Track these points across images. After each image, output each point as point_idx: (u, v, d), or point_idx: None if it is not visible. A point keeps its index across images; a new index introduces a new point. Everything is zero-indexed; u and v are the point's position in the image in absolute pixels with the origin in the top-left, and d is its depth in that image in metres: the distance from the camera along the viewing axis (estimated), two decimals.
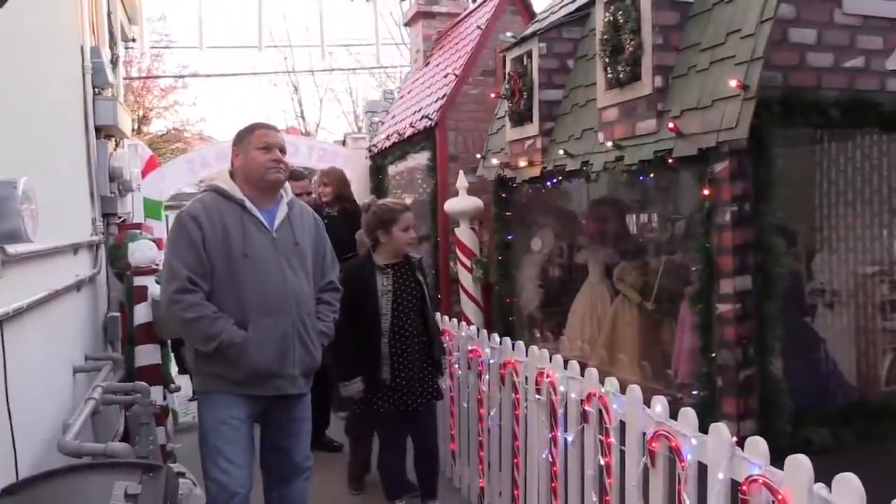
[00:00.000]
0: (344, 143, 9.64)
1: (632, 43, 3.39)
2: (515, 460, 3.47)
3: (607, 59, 3.58)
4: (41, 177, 3.09)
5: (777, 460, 1.90)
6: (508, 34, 5.39)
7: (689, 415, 2.32)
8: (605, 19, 3.61)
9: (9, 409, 2.26)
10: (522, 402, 3.35)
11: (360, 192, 8.46)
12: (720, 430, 2.14)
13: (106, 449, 2.80)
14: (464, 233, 5.76)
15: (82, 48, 4.49)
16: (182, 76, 20.09)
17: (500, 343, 3.55)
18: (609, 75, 3.60)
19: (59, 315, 3.24)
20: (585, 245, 5.00)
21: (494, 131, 5.35)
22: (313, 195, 5.21)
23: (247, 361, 2.68)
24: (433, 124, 6.28)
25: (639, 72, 3.40)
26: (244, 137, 2.85)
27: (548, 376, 3.08)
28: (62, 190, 3.56)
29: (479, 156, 5.57)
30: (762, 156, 2.95)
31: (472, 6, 7.59)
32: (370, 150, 8.32)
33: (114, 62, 6.53)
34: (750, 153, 2.97)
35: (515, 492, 3.48)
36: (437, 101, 6.49)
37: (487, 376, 3.67)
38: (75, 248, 3.64)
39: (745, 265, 2.99)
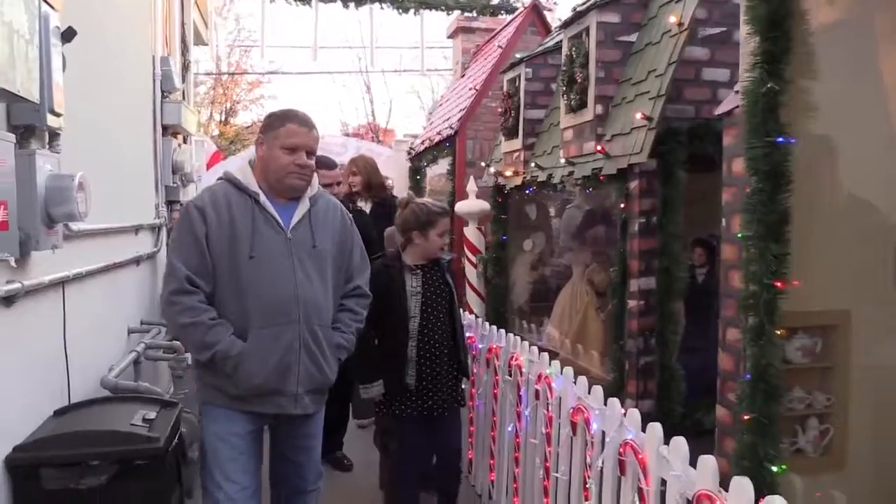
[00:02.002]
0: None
1: (580, 75, 3.96)
2: (492, 433, 4.03)
3: (565, 88, 4.16)
4: (112, 167, 3.81)
5: (669, 436, 2.21)
6: (517, 55, 5.99)
7: (597, 392, 2.81)
8: (566, 53, 4.19)
9: (66, 352, 2.87)
10: (501, 382, 3.77)
11: (402, 190, 9.21)
12: (614, 403, 2.62)
13: (137, 387, 3.54)
14: (471, 232, 6.40)
15: (154, 57, 5.32)
16: (258, 73, 21.34)
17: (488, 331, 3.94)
18: (566, 101, 4.18)
19: (118, 284, 3.85)
20: (571, 247, 5.55)
21: (498, 143, 5.97)
22: (342, 186, 4.88)
23: (243, 376, 2.45)
24: (454, 133, 6.94)
25: (586, 100, 3.96)
26: (274, 127, 2.54)
27: (515, 360, 3.58)
28: (130, 179, 4.23)
29: (483, 164, 6.20)
30: (668, 177, 3.49)
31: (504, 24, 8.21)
32: (409, 153, 9.04)
33: (185, 67, 7.46)
34: (658, 174, 3.51)
35: (491, 461, 4.07)
36: (460, 111, 7.15)
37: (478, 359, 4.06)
38: (136, 229, 4.28)
39: (650, 268, 3.54)
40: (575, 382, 2.98)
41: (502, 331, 3.89)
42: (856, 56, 2.43)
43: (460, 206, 6.43)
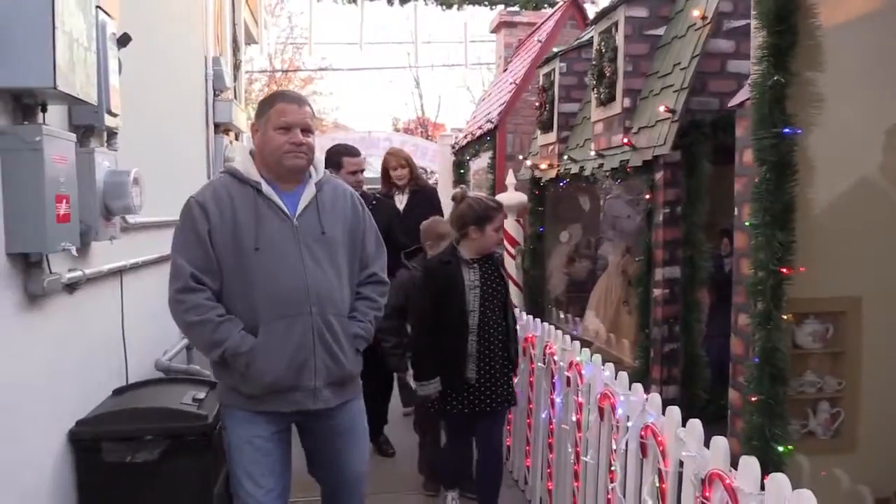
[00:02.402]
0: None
1: (609, 69, 4.05)
2: (528, 420, 4.16)
3: (594, 81, 4.26)
4: (166, 163, 4.04)
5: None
6: (554, 50, 6.09)
7: (622, 377, 2.91)
8: (596, 48, 4.28)
9: (123, 336, 3.13)
10: (536, 371, 3.86)
11: (447, 184, 9.39)
12: (637, 389, 2.74)
13: (188, 369, 3.80)
14: (510, 224, 6.53)
15: (206, 58, 5.60)
16: (309, 69, 21.78)
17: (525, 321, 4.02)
18: (596, 95, 4.28)
19: None
20: (608, 238, 5.64)
21: (535, 136, 6.09)
22: (361, 176, 4.49)
23: (256, 373, 2.34)
24: (494, 127, 7.08)
25: (614, 93, 4.06)
26: (264, 111, 2.43)
27: (549, 348, 3.71)
28: (183, 174, 4.47)
29: (521, 157, 6.32)
30: (693, 168, 3.56)
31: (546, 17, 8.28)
32: (452, 147, 9.20)
33: (236, 66, 7.76)
34: (683, 165, 3.59)
35: (527, 448, 4.22)
36: (500, 105, 7.27)
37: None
38: None
39: (674, 258, 3.62)
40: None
41: (538, 320, 3.99)
42: (863, 46, 2.48)
43: (499, 199, 6.56)
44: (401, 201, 5.15)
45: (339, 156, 4.08)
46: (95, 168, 2.68)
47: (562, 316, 5.91)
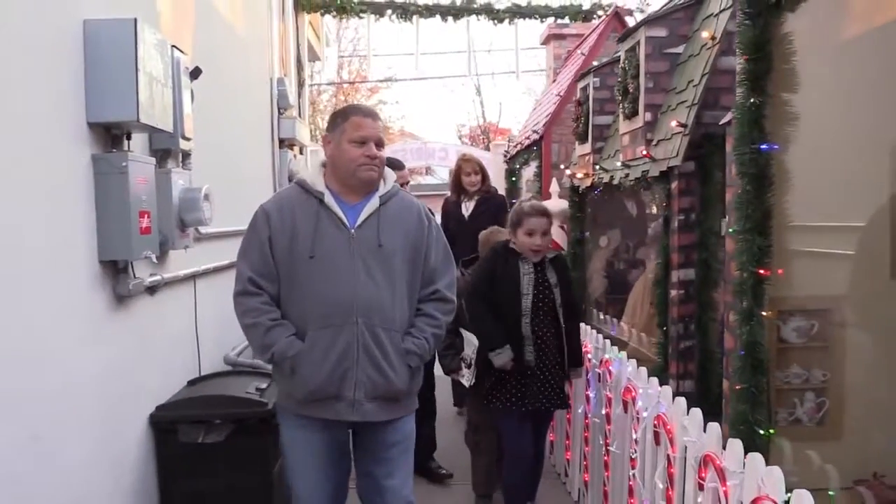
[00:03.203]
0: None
1: (632, 85, 4.35)
2: (568, 416, 4.46)
3: (620, 97, 4.55)
4: (235, 178, 4.49)
5: (709, 414, 2.56)
6: (594, 63, 6.37)
7: (642, 372, 3.22)
8: (621, 65, 4.58)
9: (197, 334, 3.48)
10: None
11: (499, 192, 9.73)
12: (653, 382, 3.05)
13: (253, 363, 4.19)
14: (554, 230, 6.83)
15: (271, 79, 6.13)
16: (373, 81, 22.43)
17: None
18: (622, 109, 4.57)
19: None
20: (646, 243, 5.89)
21: (575, 146, 6.39)
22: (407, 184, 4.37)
23: (300, 379, 2.41)
24: (540, 137, 7.40)
25: (637, 108, 4.35)
26: (338, 124, 2.49)
27: (584, 347, 3.99)
28: (250, 187, 4.95)
29: (562, 166, 6.64)
30: (706, 178, 3.83)
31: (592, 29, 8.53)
32: (504, 155, 9.55)
33: (300, 84, 8.31)
34: (697, 175, 3.86)
35: (567, 441, 4.53)
36: (546, 116, 7.59)
37: None
38: None
39: (689, 261, 3.89)
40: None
41: None
42: (834, 70, 2.73)
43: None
44: (467, 208, 5.37)
45: None
46: (172, 186, 3.08)
47: (601, 317, 6.17)
